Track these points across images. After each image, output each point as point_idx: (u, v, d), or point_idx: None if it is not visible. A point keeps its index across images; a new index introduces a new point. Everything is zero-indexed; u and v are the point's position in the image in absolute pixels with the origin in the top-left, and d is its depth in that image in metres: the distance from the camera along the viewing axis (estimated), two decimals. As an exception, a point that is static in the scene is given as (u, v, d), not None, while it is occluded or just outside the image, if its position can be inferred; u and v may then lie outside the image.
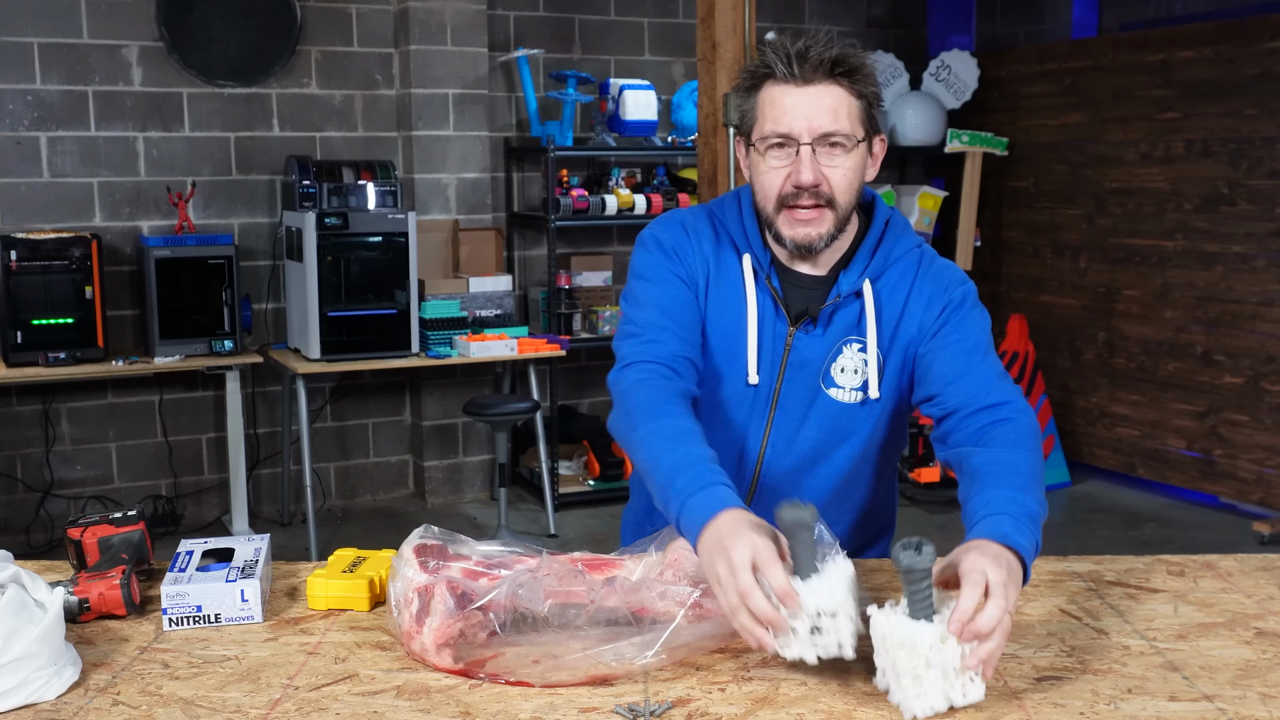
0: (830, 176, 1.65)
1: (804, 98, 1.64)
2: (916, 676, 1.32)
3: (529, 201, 5.85)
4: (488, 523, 5.34)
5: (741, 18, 4.47)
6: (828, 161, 1.65)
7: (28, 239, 4.54)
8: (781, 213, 1.69)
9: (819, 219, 1.68)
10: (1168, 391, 5.59)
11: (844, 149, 1.65)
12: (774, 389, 1.77)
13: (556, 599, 1.49)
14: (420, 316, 4.97)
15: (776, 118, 1.65)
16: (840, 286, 1.74)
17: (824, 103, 1.64)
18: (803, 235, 1.69)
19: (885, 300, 1.75)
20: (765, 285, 1.75)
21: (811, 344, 1.75)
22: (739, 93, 1.72)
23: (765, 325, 1.75)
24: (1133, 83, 5.63)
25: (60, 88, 4.93)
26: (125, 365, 4.64)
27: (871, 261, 1.75)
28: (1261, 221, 5.14)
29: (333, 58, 5.38)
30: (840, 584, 1.37)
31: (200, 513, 5.35)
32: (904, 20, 6.69)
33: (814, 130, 1.64)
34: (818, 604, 1.35)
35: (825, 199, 1.67)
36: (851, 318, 1.75)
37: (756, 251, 1.76)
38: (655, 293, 1.75)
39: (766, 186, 1.69)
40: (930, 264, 1.78)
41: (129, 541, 1.73)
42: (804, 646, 1.36)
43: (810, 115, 1.63)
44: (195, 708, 1.36)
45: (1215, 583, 1.75)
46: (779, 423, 1.78)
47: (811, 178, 1.64)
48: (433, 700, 1.37)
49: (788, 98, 1.64)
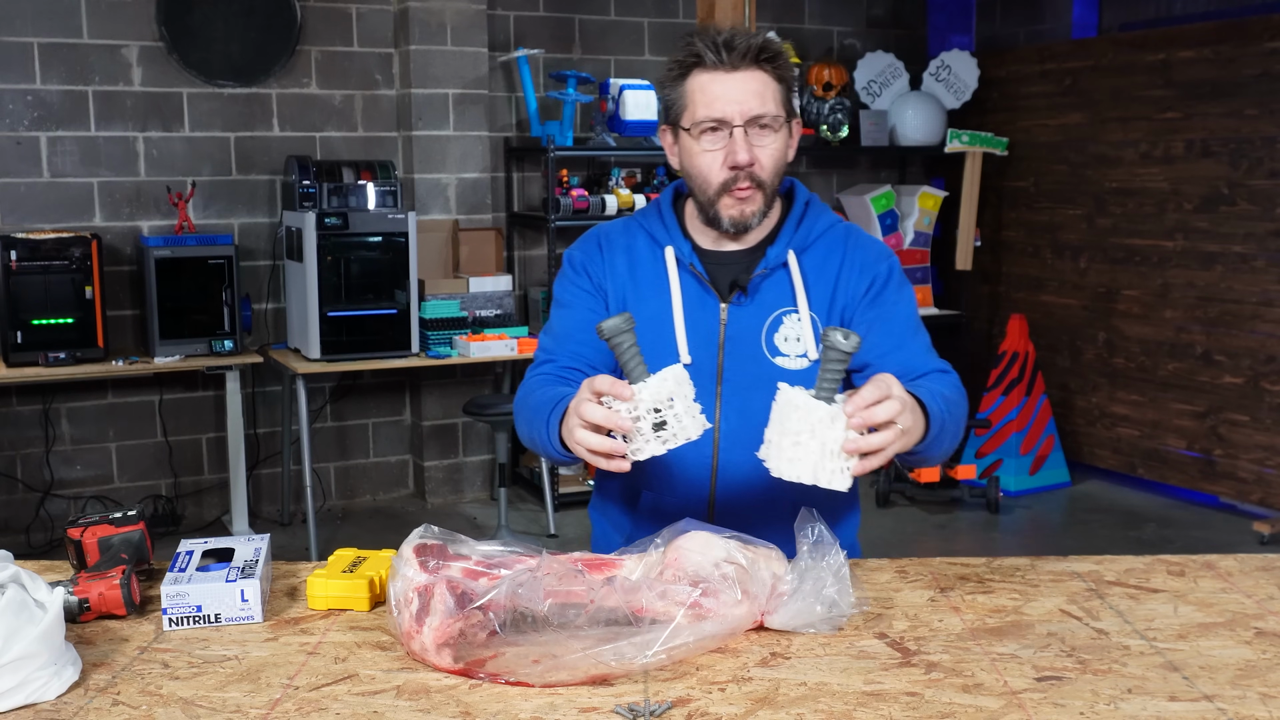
0: (760, 157, 1.77)
1: (733, 83, 1.74)
2: (797, 442, 1.42)
3: (529, 201, 5.85)
4: (488, 523, 5.34)
5: (741, 18, 4.47)
6: (758, 142, 1.76)
7: (28, 239, 4.54)
8: (721, 196, 1.80)
9: (752, 197, 1.80)
10: (1168, 391, 5.59)
11: (772, 130, 1.77)
12: (717, 364, 1.83)
13: (556, 599, 1.49)
14: (420, 316, 4.97)
15: (709, 103, 1.75)
16: (768, 259, 1.85)
17: (751, 87, 1.75)
18: (739, 213, 1.80)
19: (817, 271, 1.86)
20: (690, 271, 1.85)
21: (745, 314, 1.84)
22: (667, 82, 1.81)
23: (694, 306, 1.84)
24: (1133, 83, 5.63)
25: (60, 88, 4.93)
26: (125, 365, 4.64)
27: (795, 235, 1.87)
28: (1261, 221, 5.14)
29: (333, 58, 5.38)
30: (669, 376, 1.47)
31: (200, 513, 5.35)
32: (904, 20, 6.69)
33: (745, 113, 1.74)
34: (652, 397, 1.45)
35: (756, 180, 1.78)
36: (782, 287, 1.85)
37: (677, 242, 1.87)
38: (560, 318, 1.90)
39: (704, 171, 1.79)
40: (858, 238, 1.91)
41: (129, 541, 1.73)
42: (653, 444, 1.47)
43: (741, 99, 1.74)
44: (195, 708, 1.36)
45: (1215, 583, 1.75)
46: (728, 396, 1.84)
47: (747, 157, 1.75)
48: (433, 700, 1.37)
49: (718, 84, 1.75)
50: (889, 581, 1.76)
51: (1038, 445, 5.79)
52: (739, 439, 1.84)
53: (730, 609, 1.51)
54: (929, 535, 5.21)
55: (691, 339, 1.83)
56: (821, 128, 5.96)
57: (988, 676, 1.43)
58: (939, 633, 1.57)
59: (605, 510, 2.01)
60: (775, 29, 6.12)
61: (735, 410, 1.84)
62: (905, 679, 1.42)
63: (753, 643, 1.53)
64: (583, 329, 1.85)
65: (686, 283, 1.85)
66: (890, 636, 1.55)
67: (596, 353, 1.83)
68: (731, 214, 1.80)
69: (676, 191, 1.95)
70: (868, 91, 6.27)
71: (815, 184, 6.54)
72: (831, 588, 1.54)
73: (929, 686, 1.40)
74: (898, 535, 5.19)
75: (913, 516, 5.44)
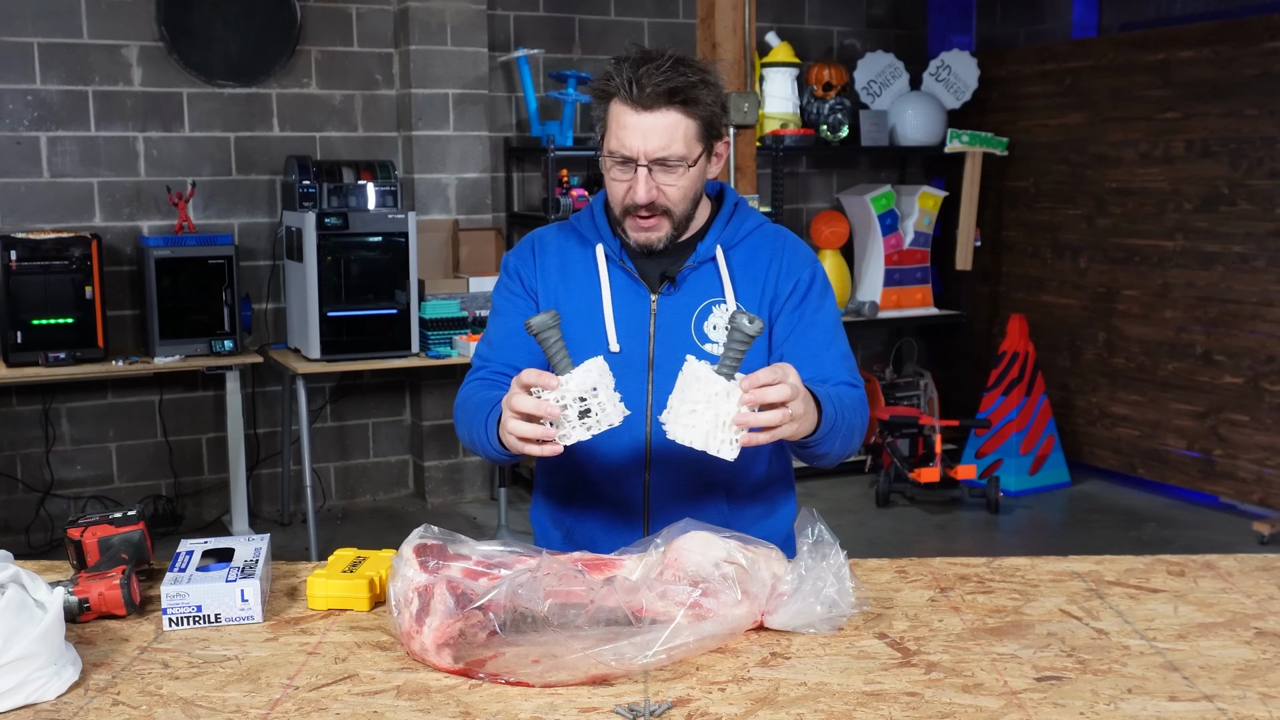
0: (666, 191, 1.82)
1: (643, 122, 1.78)
2: (694, 410, 1.56)
3: (529, 201, 5.85)
4: (488, 523, 5.34)
5: (741, 18, 4.47)
6: (663, 179, 1.81)
7: (28, 239, 4.54)
8: (626, 219, 1.87)
9: (656, 226, 1.86)
10: (1168, 391, 5.59)
11: (679, 169, 1.81)
12: (648, 352, 1.89)
13: (556, 599, 1.49)
14: (420, 316, 4.97)
15: (619, 137, 1.80)
16: (697, 253, 1.91)
17: (660, 126, 1.78)
18: (643, 239, 1.87)
19: (743, 267, 1.93)
20: (620, 266, 1.93)
21: (675, 304, 1.90)
22: (593, 100, 1.88)
23: (624, 298, 1.91)
24: (1133, 83, 5.63)
25: (60, 88, 4.93)
26: (125, 365, 4.64)
27: (724, 233, 1.93)
28: (1261, 221, 5.14)
29: (333, 58, 5.38)
30: (592, 368, 1.58)
31: (200, 513, 5.35)
32: (904, 20, 6.69)
33: (649, 154, 1.79)
34: (578, 386, 1.56)
35: (662, 209, 1.84)
36: (710, 280, 1.91)
37: (607, 240, 1.94)
38: (495, 325, 2.00)
39: (614, 195, 1.87)
40: (786, 239, 1.98)
41: (129, 541, 1.73)
42: (579, 430, 1.59)
43: (645, 139, 1.78)
44: (195, 708, 1.36)
45: (1215, 583, 1.75)
46: (659, 382, 1.88)
47: (645, 197, 1.81)
48: (433, 700, 1.37)
49: (629, 118, 1.79)
50: (889, 581, 1.76)
51: (1038, 445, 5.79)
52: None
53: (730, 609, 1.51)
54: (929, 535, 5.21)
55: (621, 329, 1.89)
56: (821, 128, 5.96)
57: (988, 676, 1.43)
58: (939, 633, 1.57)
59: (544, 508, 2.06)
60: (775, 29, 6.12)
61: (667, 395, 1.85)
62: (905, 679, 1.42)
63: (753, 643, 1.53)
64: (515, 335, 1.93)
65: (616, 277, 1.92)
66: (890, 636, 1.55)
67: (528, 357, 1.89)
68: (637, 238, 1.87)
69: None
70: (868, 91, 6.27)
71: (815, 184, 6.54)
72: (831, 588, 1.54)
73: (929, 686, 1.40)
74: (898, 535, 5.19)
75: (913, 516, 5.44)
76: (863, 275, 6.22)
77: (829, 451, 1.81)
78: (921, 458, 5.68)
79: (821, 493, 5.71)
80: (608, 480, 1.92)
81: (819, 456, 1.83)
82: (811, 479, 5.90)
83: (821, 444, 1.77)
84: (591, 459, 1.91)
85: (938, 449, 5.46)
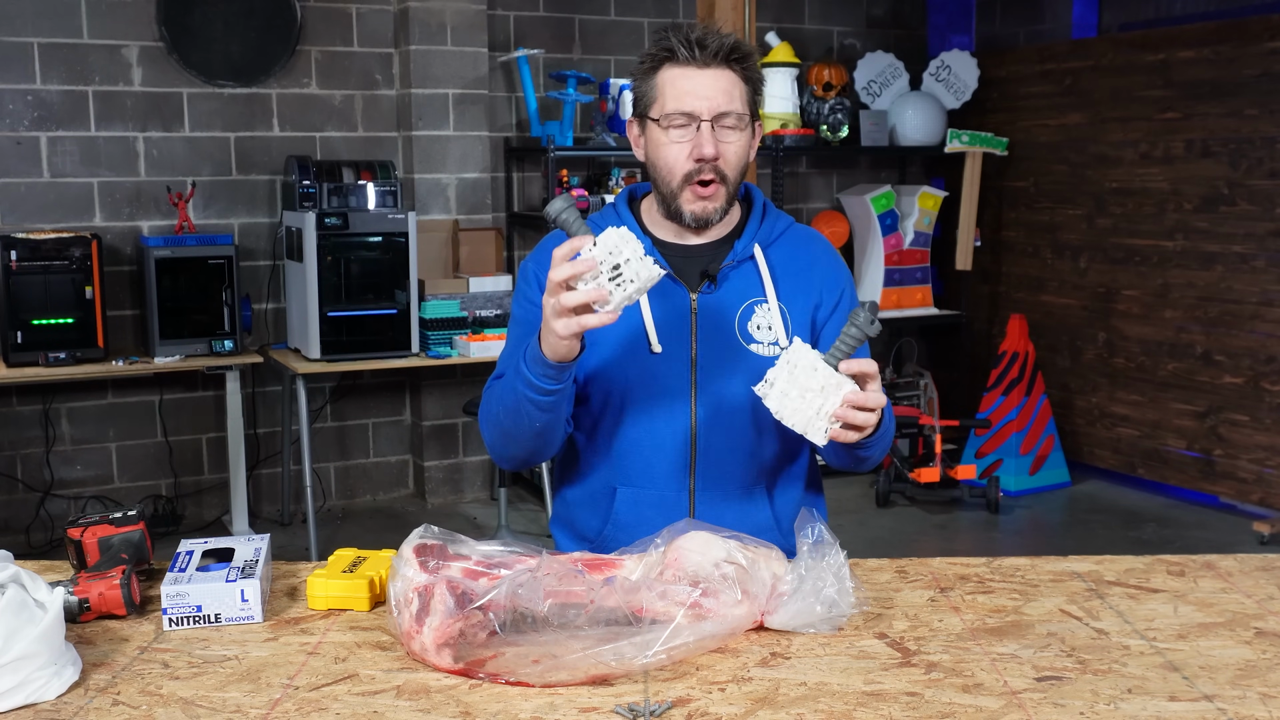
0: (725, 152, 1.81)
1: (704, 79, 1.80)
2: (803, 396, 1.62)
3: (529, 201, 5.85)
4: (488, 523, 5.34)
5: (741, 18, 4.47)
6: (723, 138, 1.81)
7: (28, 239, 4.54)
8: (685, 189, 1.83)
9: (715, 194, 1.84)
10: (1168, 391, 5.59)
11: (737, 129, 1.82)
12: (690, 352, 1.86)
13: (556, 599, 1.49)
14: (420, 316, 4.97)
15: (679, 97, 1.80)
16: (736, 251, 1.89)
17: (721, 84, 1.80)
18: (701, 209, 1.84)
19: (783, 266, 1.91)
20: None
21: (716, 303, 1.87)
22: (638, 75, 1.86)
23: (662, 296, 1.86)
24: (1133, 83, 5.63)
25: (60, 88, 4.93)
26: (125, 365, 4.64)
27: (760, 231, 1.92)
28: (1261, 221, 5.14)
29: (333, 58, 5.38)
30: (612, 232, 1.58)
31: (200, 513, 5.35)
32: (904, 20, 6.69)
33: (713, 109, 1.79)
34: (607, 250, 1.57)
35: (720, 174, 1.82)
36: (749, 279, 1.89)
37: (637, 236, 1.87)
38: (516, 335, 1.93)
39: (670, 162, 1.83)
40: (821, 243, 1.99)
41: (129, 541, 1.73)
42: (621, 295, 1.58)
43: (710, 95, 1.79)
44: (195, 708, 1.36)
45: (1215, 583, 1.75)
46: (703, 383, 1.86)
47: (713, 150, 1.79)
48: (433, 700, 1.37)
49: (689, 80, 1.80)
50: (889, 581, 1.76)
51: (1038, 445, 5.79)
52: (716, 423, 1.86)
53: (730, 609, 1.51)
54: (929, 535, 5.21)
55: (661, 328, 1.85)
56: (821, 128, 5.96)
57: (988, 676, 1.43)
58: (939, 633, 1.57)
59: (571, 520, 1.99)
60: (775, 29, 6.12)
61: (711, 396, 1.86)
62: (905, 679, 1.42)
63: (753, 643, 1.53)
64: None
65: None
66: (890, 636, 1.55)
67: None
68: (693, 209, 1.84)
69: (630, 194, 2.00)
70: (868, 91, 6.27)
71: (815, 184, 6.54)
72: (831, 588, 1.54)
73: (929, 686, 1.40)
74: (898, 535, 5.19)
75: (913, 516, 5.44)
76: (863, 275, 6.22)
77: (870, 456, 1.86)
78: (921, 458, 5.68)
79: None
80: (651, 482, 1.87)
81: (863, 460, 1.86)
82: (811, 479, 5.90)
83: (873, 447, 1.82)
84: (634, 460, 1.87)
85: (938, 449, 5.46)
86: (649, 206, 1.95)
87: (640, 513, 1.87)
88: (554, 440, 1.84)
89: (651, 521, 1.82)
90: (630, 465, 1.88)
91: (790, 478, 1.94)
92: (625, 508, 1.89)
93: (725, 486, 1.88)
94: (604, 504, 1.91)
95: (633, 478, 1.88)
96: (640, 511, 1.87)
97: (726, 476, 1.88)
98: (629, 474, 1.88)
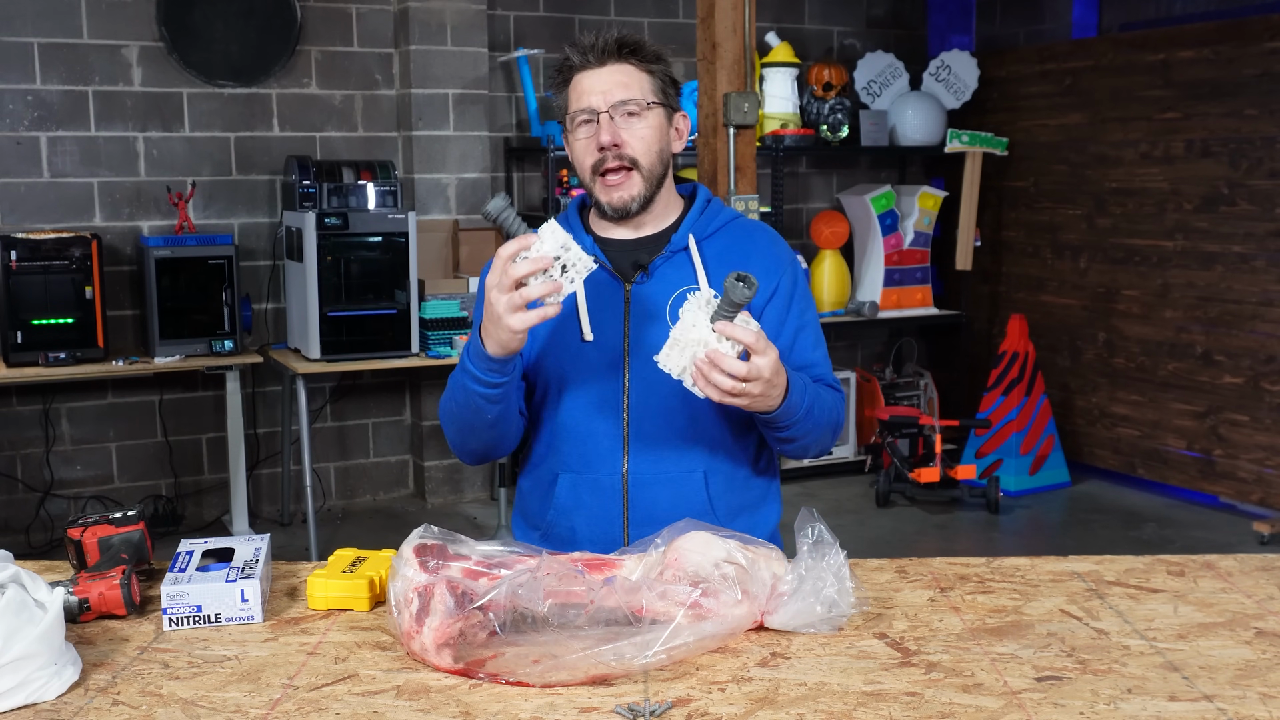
0: (628, 139, 1.87)
1: (599, 76, 1.88)
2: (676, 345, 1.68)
3: (529, 201, 5.85)
4: (488, 523, 5.34)
5: (741, 18, 4.47)
6: (625, 125, 1.87)
7: (28, 239, 4.54)
8: (596, 181, 1.90)
9: (628, 182, 1.89)
10: (1168, 391, 5.59)
11: (638, 115, 1.88)
12: (623, 340, 1.91)
13: (556, 599, 1.49)
14: (420, 316, 4.97)
15: (579, 97, 1.89)
16: (671, 243, 1.95)
17: (616, 78, 1.88)
18: (616, 198, 1.90)
19: (718, 257, 1.95)
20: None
21: (649, 292, 1.92)
22: (553, 91, 1.97)
23: (597, 289, 1.92)
24: (1133, 83, 5.63)
25: (60, 88, 4.93)
26: (125, 365, 4.64)
27: (696, 224, 1.97)
28: (1261, 221, 5.14)
29: (333, 58, 5.38)
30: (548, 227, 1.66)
31: (200, 513, 5.35)
32: (904, 20, 6.69)
33: (609, 100, 1.87)
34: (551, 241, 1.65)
35: (629, 160, 1.88)
36: (684, 269, 1.94)
37: (579, 236, 1.96)
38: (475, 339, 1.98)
39: (580, 158, 1.91)
40: (764, 232, 2.04)
41: (129, 541, 1.73)
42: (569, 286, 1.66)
43: (605, 89, 1.87)
44: (195, 708, 1.36)
45: (1215, 583, 1.75)
46: (636, 369, 1.90)
47: (610, 138, 1.86)
48: (433, 700, 1.37)
49: (587, 80, 1.89)
50: (889, 581, 1.76)
51: (1038, 445, 5.79)
52: (647, 408, 1.90)
53: (730, 609, 1.51)
54: (929, 535, 5.21)
55: (595, 319, 1.91)
56: (821, 128, 5.96)
57: (988, 676, 1.43)
58: (939, 633, 1.57)
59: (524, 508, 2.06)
60: (775, 29, 6.12)
61: (642, 381, 1.90)
62: (905, 679, 1.42)
63: (753, 643, 1.53)
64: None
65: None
66: (890, 636, 1.55)
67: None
68: (607, 199, 1.90)
69: (582, 202, 2.06)
70: (868, 91, 6.27)
71: (815, 184, 6.54)
72: (831, 588, 1.54)
73: (929, 686, 1.40)
74: (898, 535, 5.19)
75: (913, 516, 5.44)
76: (863, 275, 6.22)
77: (793, 439, 1.86)
78: (921, 458, 5.68)
79: (821, 493, 5.72)
80: (588, 466, 1.92)
81: (783, 441, 1.88)
82: (812, 479, 5.91)
83: (785, 428, 1.82)
84: (571, 446, 1.93)
85: (938, 449, 5.46)
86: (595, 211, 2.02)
87: (578, 497, 1.93)
88: (509, 432, 1.92)
89: (589, 506, 1.91)
90: (568, 452, 1.94)
91: (728, 463, 1.96)
92: (565, 493, 1.95)
93: (658, 469, 1.91)
94: (548, 490, 1.97)
95: (571, 463, 1.94)
96: (578, 496, 1.93)
97: (660, 460, 1.91)
98: (567, 460, 1.94)
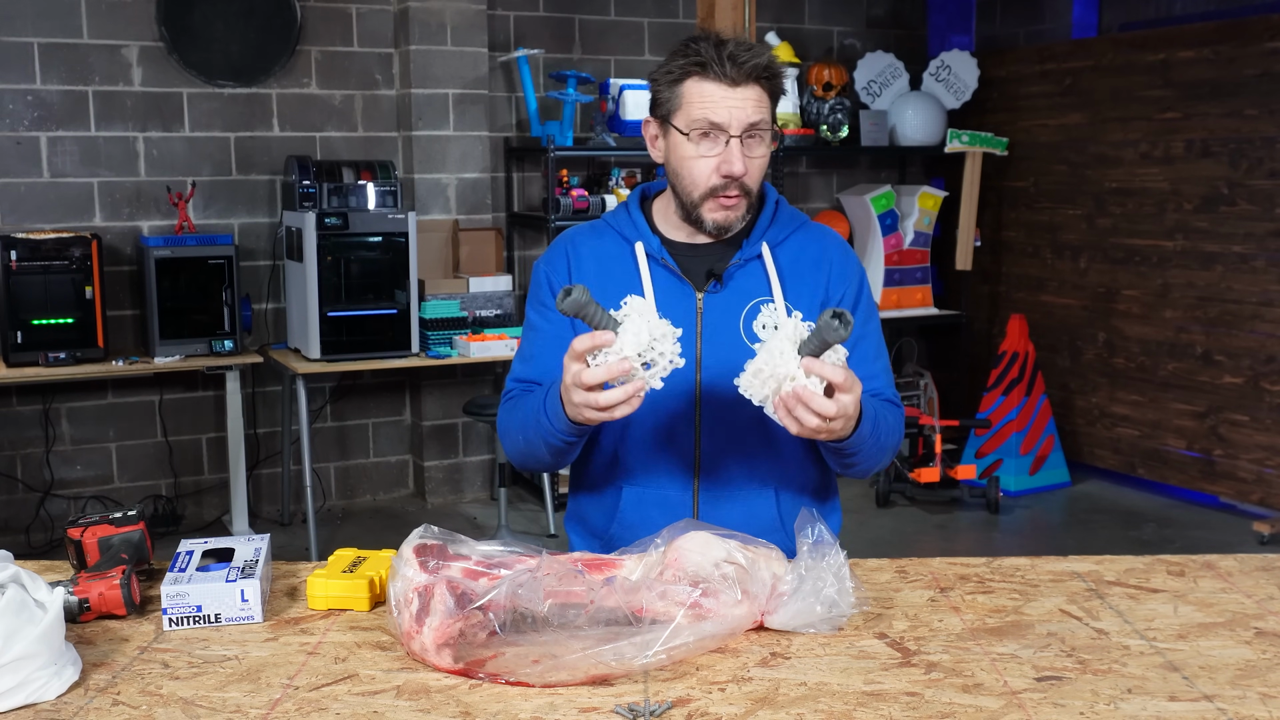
0: (750, 168, 1.82)
1: (734, 96, 1.79)
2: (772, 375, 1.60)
3: (529, 201, 5.85)
4: (488, 523, 5.34)
5: (741, 18, 4.47)
6: (750, 152, 1.82)
7: (28, 239, 4.54)
8: (708, 200, 1.84)
9: (738, 205, 1.85)
10: (1168, 391, 5.59)
11: (763, 141, 1.82)
12: (695, 352, 1.87)
13: (556, 599, 1.49)
14: (420, 316, 4.97)
15: (708, 107, 1.79)
16: (744, 250, 1.90)
17: (751, 98, 1.80)
18: (724, 219, 1.85)
19: (791, 264, 1.91)
20: (661, 264, 1.89)
21: (721, 302, 1.88)
22: (662, 79, 1.85)
23: (668, 296, 1.87)
24: (1133, 83, 5.63)
25: (60, 88, 4.93)
26: (125, 365, 4.64)
27: (769, 230, 1.92)
28: (1261, 221, 5.14)
29: (333, 58, 5.38)
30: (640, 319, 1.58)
31: (200, 513, 5.35)
32: (904, 20, 6.69)
33: (742, 122, 1.79)
34: (634, 341, 1.57)
35: (744, 188, 1.83)
36: (756, 278, 1.89)
37: (646, 238, 1.91)
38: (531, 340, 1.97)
39: (696, 175, 1.83)
40: (833, 239, 1.98)
41: (129, 541, 1.73)
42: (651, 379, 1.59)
43: (740, 108, 1.79)
44: (195, 708, 1.36)
45: (1215, 583, 1.75)
46: (707, 383, 1.86)
47: (741, 168, 1.80)
48: (433, 700, 1.37)
49: (718, 93, 1.79)
50: (889, 581, 1.76)
51: (1038, 445, 5.79)
52: (719, 424, 1.86)
53: (730, 609, 1.51)
54: (929, 535, 5.21)
55: None
56: (821, 128, 5.96)
57: (988, 676, 1.43)
58: (939, 633, 1.57)
59: (582, 517, 2.01)
60: (775, 29, 6.12)
61: (714, 395, 1.86)
62: (905, 679, 1.42)
63: (753, 643, 1.53)
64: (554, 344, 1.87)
65: (658, 275, 1.89)
66: (890, 636, 1.55)
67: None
68: (716, 218, 1.85)
69: (643, 193, 2.00)
70: (868, 91, 6.27)
71: (815, 184, 6.54)
72: (831, 588, 1.54)
73: (929, 686, 1.40)
74: (898, 535, 5.19)
75: (913, 516, 5.44)
76: (863, 275, 6.21)
77: (857, 464, 1.83)
78: (921, 458, 5.68)
79: (821, 493, 5.71)
80: (656, 483, 1.89)
81: (846, 465, 1.85)
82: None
83: (851, 454, 1.79)
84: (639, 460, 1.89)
85: (938, 449, 5.46)
86: (662, 206, 1.95)
87: (644, 512, 1.89)
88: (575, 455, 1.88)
89: (656, 521, 1.83)
90: (635, 465, 1.89)
91: (799, 480, 1.94)
92: (630, 507, 1.90)
93: (729, 486, 1.88)
94: (611, 503, 1.93)
95: (637, 477, 1.90)
96: (645, 511, 1.89)
97: (730, 476, 1.88)
98: (634, 474, 1.90)
